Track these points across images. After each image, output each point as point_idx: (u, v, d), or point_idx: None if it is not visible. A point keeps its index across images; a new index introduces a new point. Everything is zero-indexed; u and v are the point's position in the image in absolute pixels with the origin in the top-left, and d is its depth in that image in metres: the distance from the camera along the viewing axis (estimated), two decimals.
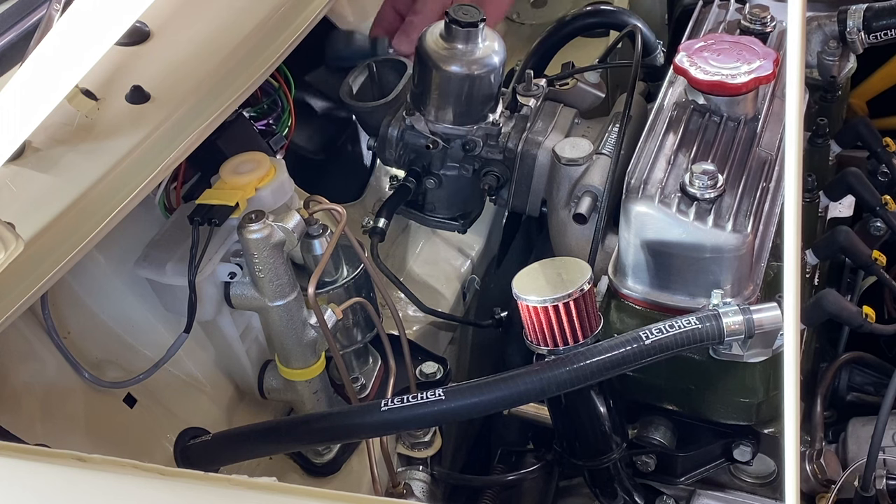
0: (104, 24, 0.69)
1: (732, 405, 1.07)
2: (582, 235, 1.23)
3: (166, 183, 0.97)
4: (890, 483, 1.04)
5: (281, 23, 0.96)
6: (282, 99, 1.10)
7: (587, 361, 0.88)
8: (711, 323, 0.90)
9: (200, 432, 0.96)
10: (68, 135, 0.82)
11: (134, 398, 0.96)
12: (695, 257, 1.02)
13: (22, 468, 0.61)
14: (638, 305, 1.08)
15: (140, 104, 0.85)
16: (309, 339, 0.96)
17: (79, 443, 0.90)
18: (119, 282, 0.97)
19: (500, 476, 1.21)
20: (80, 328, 0.94)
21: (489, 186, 1.22)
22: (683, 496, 1.13)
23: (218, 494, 0.58)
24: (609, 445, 1.05)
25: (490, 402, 0.87)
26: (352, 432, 0.92)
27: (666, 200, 1.02)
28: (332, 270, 1.01)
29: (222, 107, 0.87)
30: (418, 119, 1.19)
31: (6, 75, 0.94)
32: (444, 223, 1.28)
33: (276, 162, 0.96)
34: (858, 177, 1.37)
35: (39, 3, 1.09)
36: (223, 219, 0.90)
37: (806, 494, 1.12)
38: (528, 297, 0.95)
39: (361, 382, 1.09)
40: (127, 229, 0.87)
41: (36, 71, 0.71)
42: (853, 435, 1.14)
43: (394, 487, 1.06)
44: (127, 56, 0.90)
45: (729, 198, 1.03)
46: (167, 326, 0.99)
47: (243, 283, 0.94)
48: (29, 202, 0.76)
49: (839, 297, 1.16)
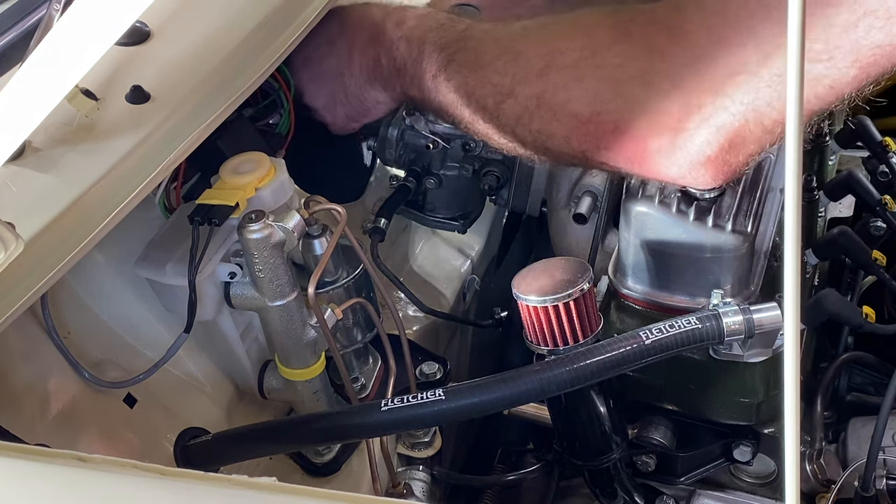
0: (104, 24, 0.68)
1: (732, 405, 1.07)
2: (582, 235, 1.23)
3: (166, 183, 0.97)
4: (890, 483, 1.04)
5: (281, 23, 0.96)
6: (282, 99, 1.10)
7: (587, 361, 0.88)
8: (711, 323, 0.90)
9: (200, 432, 0.96)
10: (68, 135, 0.82)
11: (134, 398, 0.96)
12: (695, 257, 1.03)
13: (22, 468, 0.61)
14: (638, 305, 1.08)
15: (140, 104, 0.85)
16: (309, 339, 0.96)
17: (79, 443, 0.90)
18: (119, 282, 0.97)
19: (500, 476, 1.21)
20: (80, 328, 0.94)
21: (489, 186, 1.22)
22: (683, 496, 1.13)
23: (218, 494, 0.58)
24: (609, 445, 1.05)
25: (490, 402, 0.87)
26: (352, 432, 0.92)
27: (666, 200, 1.02)
28: (332, 270, 1.01)
29: (222, 107, 0.87)
30: (418, 119, 1.19)
31: (6, 75, 0.94)
32: (444, 223, 1.28)
33: (276, 162, 0.96)
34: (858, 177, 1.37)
35: (39, 3, 1.09)
36: (223, 219, 0.90)
37: (806, 494, 1.12)
38: (528, 298, 0.95)
39: (361, 382, 1.09)
40: (127, 229, 0.87)
41: (36, 71, 0.71)
42: (853, 435, 1.14)
43: (394, 487, 1.06)
44: (127, 56, 0.90)
45: (729, 198, 1.03)
46: (167, 326, 0.99)
47: (243, 283, 0.94)
48: (29, 202, 0.76)
49: (839, 297, 1.16)
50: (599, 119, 0.93)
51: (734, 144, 0.88)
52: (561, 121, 0.96)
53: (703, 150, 0.89)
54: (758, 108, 0.85)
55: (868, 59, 0.79)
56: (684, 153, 0.90)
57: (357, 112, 1.17)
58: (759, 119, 0.86)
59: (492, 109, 1.00)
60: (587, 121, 0.94)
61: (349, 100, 1.15)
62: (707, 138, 0.88)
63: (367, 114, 1.17)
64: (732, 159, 0.90)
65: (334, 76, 1.14)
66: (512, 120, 0.99)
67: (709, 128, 0.88)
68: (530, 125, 0.98)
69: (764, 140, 0.88)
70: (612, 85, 0.92)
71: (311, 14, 0.98)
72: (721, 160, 0.90)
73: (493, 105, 1.00)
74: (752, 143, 0.88)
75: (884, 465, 1.07)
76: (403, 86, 1.09)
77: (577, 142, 0.96)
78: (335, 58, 1.13)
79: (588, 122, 0.94)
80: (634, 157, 0.94)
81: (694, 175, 0.92)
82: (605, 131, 0.93)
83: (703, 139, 0.89)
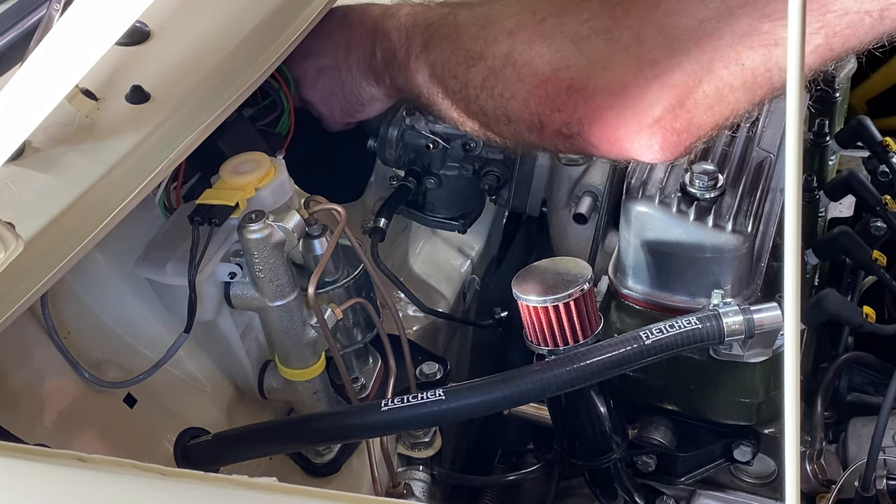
0: (104, 24, 0.68)
1: (732, 405, 1.07)
2: (582, 235, 1.23)
3: (166, 183, 0.97)
4: (890, 483, 1.04)
5: (281, 23, 0.96)
6: (282, 99, 1.10)
7: (587, 361, 0.88)
8: (711, 323, 0.90)
9: (200, 432, 0.96)
10: (68, 135, 0.82)
11: (134, 398, 0.96)
12: (695, 257, 1.03)
13: (22, 468, 0.61)
14: (638, 305, 1.08)
15: (140, 104, 0.85)
16: (309, 339, 0.96)
17: (79, 443, 0.90)
18: (119, 282, 0.97)
19: (500, 476, 1.21)
20: (80, 328, 0.94)
21: (489, 186, 1.22)
22: (684, 496, 1.13)
23: (218, 494, 0.58)
24: (609, 445, 1.05)
25: (490, 402, 0.87)
26: (352, 432, 0.92)
27: (666, 200, 1.02)
28: (332, 270, 1.01)
29: (222, 107, 0.87)
30: (418, 119, 1.19)
31: (6, 75, 0.94)
32: (444, 223, 1.28)
33: (276, 162, 0.96)
34: (858, 177, 1.37)
35: (39, 3, 1.09)
36: (223, 219, 0.90)
37: (806, 494, 1.12)
38: (528, 298, 0.95)
39: (361, 382, 1.09)
40: (127, 229, 0.87)
41: (36, 71, 0.71)
42: (853, 435, 1.14)
43: (394, 487, 1.06)
44: (127, 56, 0.90)
45: (729, 198, 1.03)
46: (167, 326, 0.99)
47: (243, 283, 0.94)
48: (29, 202, 0.76)
49: (839, 297, 1.16)
50: (558, 77, 0.92)
51: (684, 107, 0.85)
52: (524, 80, 0.95)
53: (652, 110, 0.86)
54: (713, 69, 0.82)
55: (834, 28, 0.76)
56: (633, 112, 0.87)
57: (352, 107, 1.17)
58: (713, 81, 0.83)
59: (461, 76, 1.00)
60: (546, 79, 0.93)
61: (345, 94, 1.16)
62: (657, 95, 0.85)
63: (363, 109, 1.17)
64: (681, 127, 0.86)
65: (331, 69, 1.14)
66: (478, 85, 0.98)
67: (660, 85, 0.85)
68: (494, 88, 0.97)
69: (716, 109, 0.84)
70: (574, 40, 0.91)
71: (310, 14, 0.98)
72: (670, 125, 0.87)
73: (464, 70, 0.99)
74: (703, 110, 0.85)
75: (884, 465, 1.07)
76: (392, 74, 1.10)
77: (535, 103, 0.95)
78: (332, 51, 1.13)
79: (547, 80, 0.93)
80: (585, 118, 0.91)
81: (642, 140, 0.89)
82: (561, 89, 0.92)
83: (654, 96, 0.86)
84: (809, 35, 0.76)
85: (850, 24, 0.76)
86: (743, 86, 0.83)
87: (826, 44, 0.78)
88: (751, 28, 0.79)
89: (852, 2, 0.75)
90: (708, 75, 0.83)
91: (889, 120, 1.78)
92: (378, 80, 1.13)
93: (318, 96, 1.17)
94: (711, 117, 0.86)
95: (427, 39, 1.04)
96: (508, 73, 0.96)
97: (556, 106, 0.93)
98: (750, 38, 0.80)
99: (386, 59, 1.09)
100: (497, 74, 0.97)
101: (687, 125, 0.86)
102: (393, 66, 1.09)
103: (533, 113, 0.96)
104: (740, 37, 0.80)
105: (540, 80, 0.94)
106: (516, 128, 1.00)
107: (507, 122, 0.99)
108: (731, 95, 0.83)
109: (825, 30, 0.77)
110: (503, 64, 0.96)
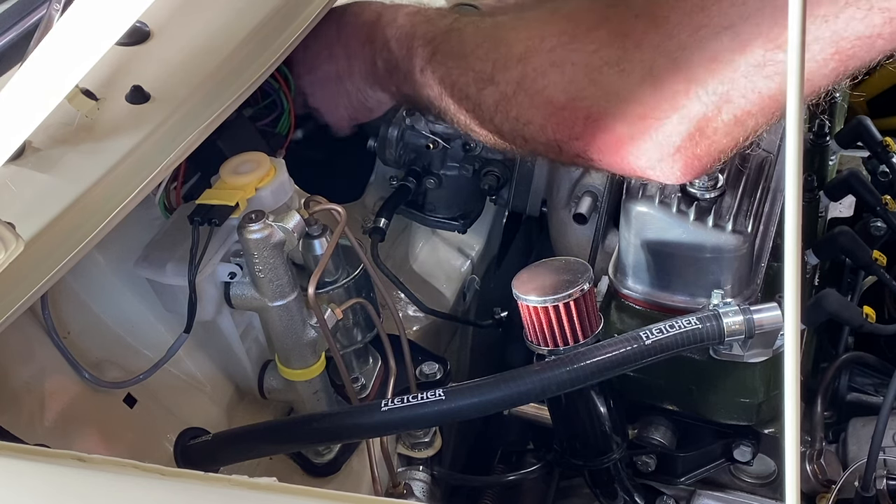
0: (104, 24, 0.68)
1: (733, 405, 1.07)
2: (582, 235, 1.23)
3: (166, 183, 0.97)
4: (890, 483, 1.04)
5: (281, 23, 0.96)
6: (282, 99, 1.10)
7: (587, 361, 0.88)
8: (712, 323, 0.90)
9: (200, 432, 0.96)
10: (68, 135, 0.82)
11: (134, 398, 0.96)
12: (695, 257, 1.03)
13: (22, 468, 0.61)
14: (638, 305, 1.08)
15: (140, 104, 0.85)
16: (309, 339, 0.96)
17: (78, 443, 0.90)
18: (119, 282, 0.97)
19: (500, 476, 1.21)
20: (80, 328, 0.94)
21: (489, 186, 1.22)
22: (684, 496, 1.13)
23: (218, 494, 0.58)
24: (609, 445, 1.05)
25: (490, 402, 0.87)
26: (352, 432, 0.92)
27: (666, 200, 1.02)
28: (332, 270, 1.01)
29: (222, 107, 0.87)
30: (418, 119, 1.19)
31: (6, 75, 0.94)
32: (444, 223, 1.28)
33: (276, 162, 0.96)
34: (858, 177, 1.37)
35: (39, 3, 1.09)
36: (223, 219, 0.90)
37: (806, 494, 1.12)
38: (528, 298, 0.95)
39: (361, 382, 1.09)
40: (127, 229, 0.87)
41: (36, 71, 0.71)
42: (853, 435, 1.14)
43: (394, 487, 1.06)
44: (127, 56, 0.90)
45: (729, 198, 1.03)
46: (167, 326, 0.99)
47: (243, 283, 0.94)
48: (29, 202, 0.76)
49: (839, 297, 1.16)
50: (574, 105, 0.92)
51: (705, 134, 0.87)
52: (537, 107, 0.95)
53: (672, 140, 0.88)
54: (731, 99, 0.84)
55: (848, 52, 0.78)
56: (653, 143, 0.89)
57: (360, 113, 1.18)
58: (732, 110, 0.84)
59: (473, 97, 1.00)
60: (562, 107, 0.93)
61: (351, 102, 1.16)
62: (676, 127, 0.87)
63: (371, 114, 1.18)
64: (702, 152, 0.88)
65: (334, 81, 1.14)
66: (492, 107, 0.99)
67: (679, 117, 0.86)
68: (508, 112, 0.97)
69: (736, 133, 0.86)
70: (587, 71, 0.92)
71: (310, 14, 0.98)
72: (691, 152, 0.88)
73: (475, 92, 0.99)
74: (723, 135, 0.86)
75: (884, 465, 1.07)
76: (398, 84, 1.10)
77: (551, 130, 0.95)
78: (334, 64, 1.14)
79: (563, 108, 0.93)
80: (605, 147, 0.93)
81: (663, 167, 0.90)
82: (578, 118, 0.92)
83: (673, 128, 0.87)
84: (824, 60, 0.78)
85: (863, 46, 0.78)
86: (761, 111, 0.84)
87: (842, 66, 0.80)
88: (764, 59, 0.81)
89: (863, 27, 0.76)
90: (726, 105, 0.84)
91: (889, 120, 1.78)
92: (383, 87, 1.13)
93: (325, 106, 1.18)
94: (731, 141, 0.87)
95: (431, 54, 1.03)
96: (521, 100, 0.96)
97: (573, 134, 0.94)
98: (764, 67, 0.81)
99: (388, 69, 1.09)
100: (510, 100, 0.97)
101: (707, 150, 0.88)
102: (397, 76, 1.09)
103: (551, 139, 0.96)
104: (754, 67, 0.81)
105: (555, 107, 0.94)
106: (534, 147, 1.01)
107: (524, 142, 1.00)
108: (749, 120, 0.85)
109: (839, 55, 0.78)
110: (515, 90, 0.96)
